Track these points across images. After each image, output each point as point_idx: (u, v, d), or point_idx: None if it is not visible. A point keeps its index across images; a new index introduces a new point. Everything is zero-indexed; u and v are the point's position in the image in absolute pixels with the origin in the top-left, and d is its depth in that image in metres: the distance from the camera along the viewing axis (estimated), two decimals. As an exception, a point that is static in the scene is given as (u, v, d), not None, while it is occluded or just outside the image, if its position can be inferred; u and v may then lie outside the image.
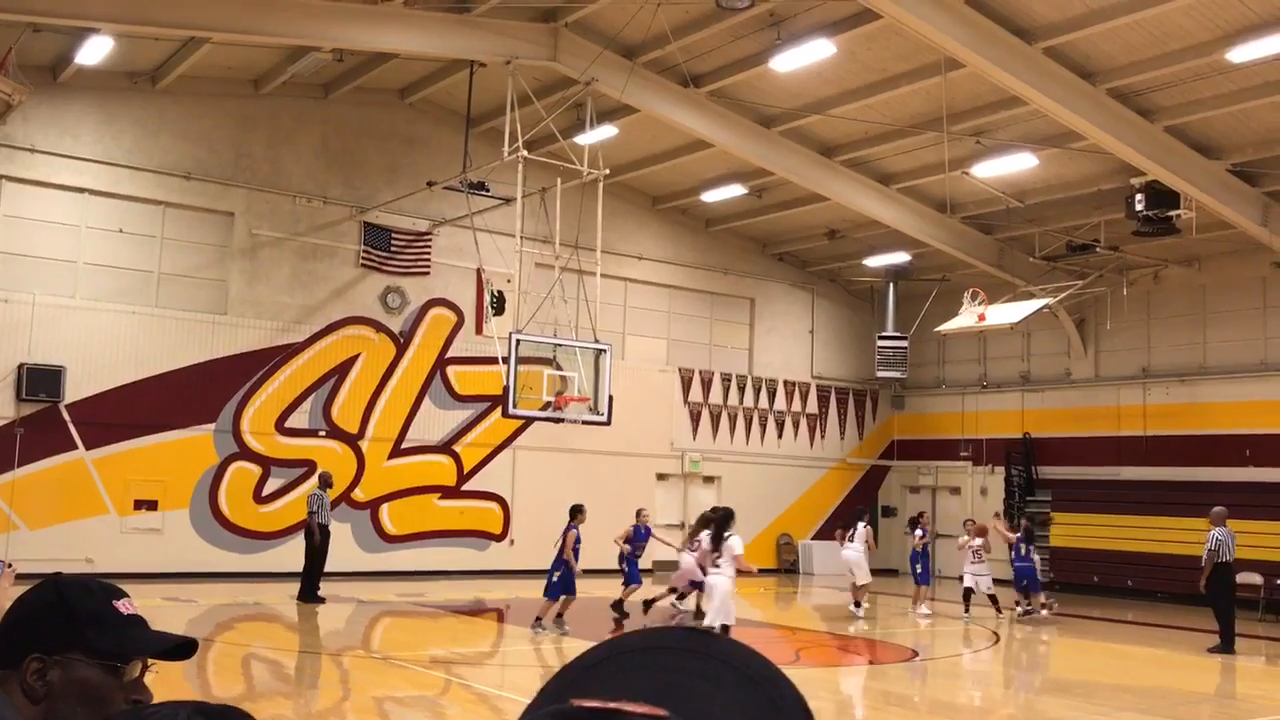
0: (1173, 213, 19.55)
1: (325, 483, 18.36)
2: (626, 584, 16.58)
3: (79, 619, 1.84)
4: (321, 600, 17.41)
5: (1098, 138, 17.95)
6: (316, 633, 15.63)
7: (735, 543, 12.83)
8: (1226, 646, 15.23)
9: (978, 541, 19.10)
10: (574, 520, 15.21)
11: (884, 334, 27.34)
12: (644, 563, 17.95)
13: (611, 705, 0.72)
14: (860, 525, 19.51)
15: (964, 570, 19.33)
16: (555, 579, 14.87)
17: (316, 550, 17.74)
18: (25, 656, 1.80)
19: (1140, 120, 18.03)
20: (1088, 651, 16.14)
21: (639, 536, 17.28)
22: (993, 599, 18.86)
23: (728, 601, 12.32)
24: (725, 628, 11.93)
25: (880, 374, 27.54)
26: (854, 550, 18.88)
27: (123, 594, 1.94)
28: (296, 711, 10.12)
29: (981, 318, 22.49)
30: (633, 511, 17.98)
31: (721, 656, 0.78)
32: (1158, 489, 23.24)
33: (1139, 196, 19.61)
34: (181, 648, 1.92)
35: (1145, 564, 22.39)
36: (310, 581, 17.58)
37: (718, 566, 12.23)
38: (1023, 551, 19.19)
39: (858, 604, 18.55)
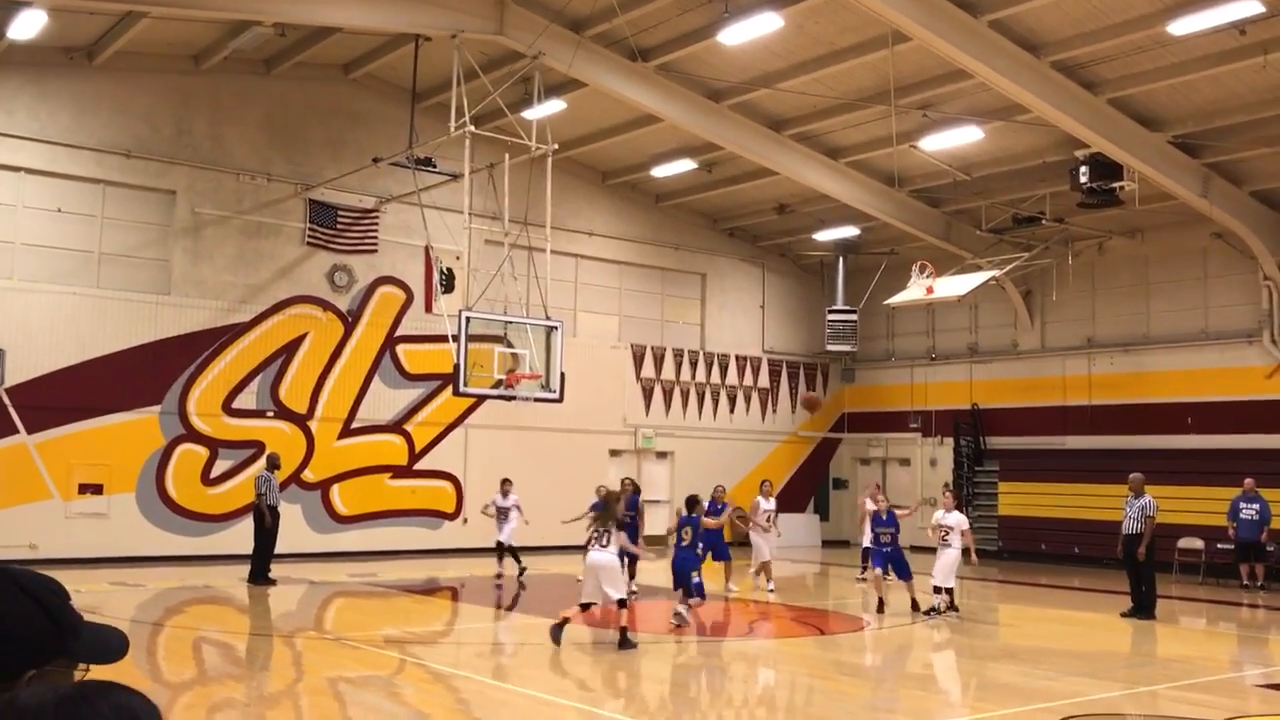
0: (1116, 185, 19.81)
1: (273, 464, 18.17)
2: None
3: (64, 630, 1.82)
4: (272, 582, 17.26)
5: (1042, 110, 18.11)
6: (268, 615, 15.49)
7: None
8: (1149, 612, 15.49)
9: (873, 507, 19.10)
10: (693, 511, 14.41)
11: (834, 308, 27.51)
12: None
13: None
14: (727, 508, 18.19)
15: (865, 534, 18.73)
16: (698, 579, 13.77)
17: (267, 532, 17.57)
18: (12, 669, 1.77)
19: (1084, 93, 18.21)
20: (1036, 618, 16.40)
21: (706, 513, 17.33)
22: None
23: (617, 577, 12.20)
24: (621, 601, 12.06)
25: (830, 347, 27.73)
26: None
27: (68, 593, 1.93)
28: (248, 694, 10.03)
29: (930, 290, 22.70)
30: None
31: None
32: (1103, 457, 23.64)
33: (1083, 169, 19.84)
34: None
35: (1091, 531, 22.78)
36: (260, 564, 17.42)
37: (605, 545, 12.09)
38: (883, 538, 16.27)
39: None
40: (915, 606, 15.55)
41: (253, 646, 12.96)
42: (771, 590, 17.48)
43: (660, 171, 24.76)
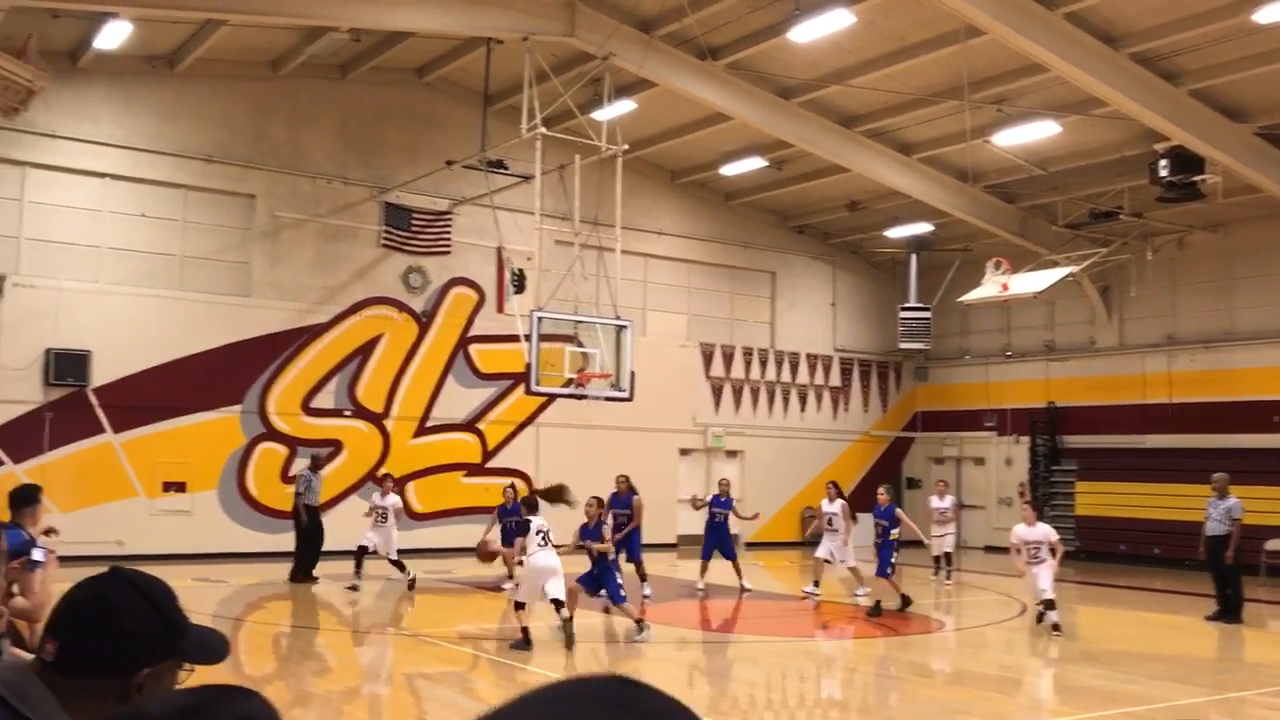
0: (1198, 178, 19.36)
1: (316, 465, 18.40)
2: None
3: (176, 630, 1.91)
4: (315, 580, 17.38)
5: (1121, 103, 17.76)
6: (346, 611, 15.75)
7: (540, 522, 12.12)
8: (1236, 615, 15.10)
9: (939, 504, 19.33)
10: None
11: (906, 305, 27.22)
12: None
13: None
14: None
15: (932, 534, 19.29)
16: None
17: (305, 531, 17.75)
18: (128, 666, 1.86)
19: (1164, 84, 17.81)
20: (1116, 620, 16.10)
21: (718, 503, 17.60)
22: (945, 558, 19.35)
23: (547, 579, 11.76)
24: (557, 602, 11.72)
25: (903, 345, 27.44)
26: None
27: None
28: (327, 689, 10.22)
29: (1005, 287, 22.37)
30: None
31: (638, 711, 0.76)
32: (1184, 456, 23.10)
33: (1163, 162, 19.41)
34: None
35: (1172, 532, 22.27)
36: (301, 562, 17.54)
37: (542, 546, 11.78)
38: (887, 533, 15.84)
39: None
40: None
41: (331, 642, 13.20)
42: (861, 594, 16.70)
43: (730, 170, 24.71)
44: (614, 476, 17.24)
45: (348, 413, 21.97)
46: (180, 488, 20.22)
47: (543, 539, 11.89)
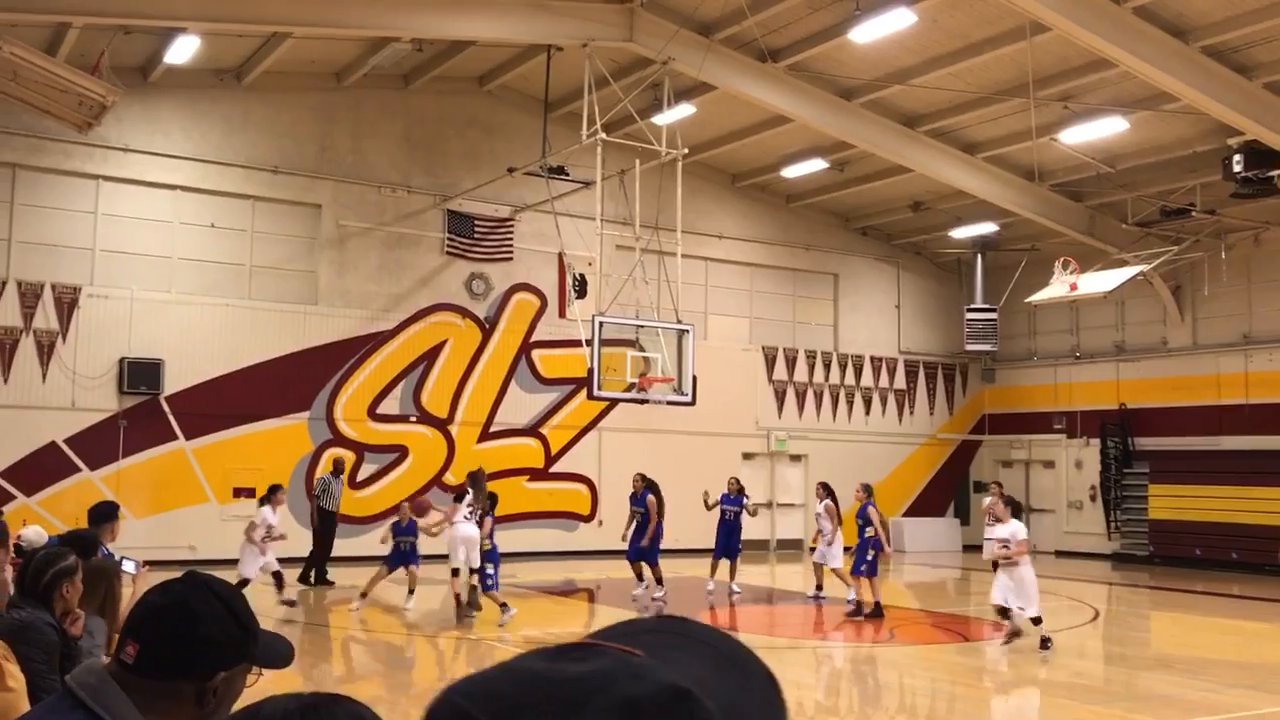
0: (1274, 173, 18.86)
1: (337, 470, 18.56)
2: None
3: (251, 634, 1.95)
4: (331, 584, 17.53)
5: (1192, 98, 17.37)
6: (412, 615, 15.88)
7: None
8: None
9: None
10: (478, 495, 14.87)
11: (972, 306, 26.87)
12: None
13: (590, 640, 0.80)
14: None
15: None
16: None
17: (317, 535, 17.89)
18: (207, 670, 1.90)
19: (1237, 78, 17.39)
20: (1192, 626, 15.73)
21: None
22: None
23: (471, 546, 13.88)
24: (477, 570, 13.90)
25: (969, 347, 27.09)
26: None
27: None
28: (393, 694, 10.31)
29: (1073, 287, 21.99)
30: (718, 490, 17.84)
31: (696, 636, 0.85)
32: (1262, 458, 22.54)
33: (1237, 157, 18.95)
34: None
35: (1250, 535, 21.74)
36: (311, 566, 17.64)
37: (470, 519, 13.99)
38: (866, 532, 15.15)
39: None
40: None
41: (398, 645, 13.32)
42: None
43: (791, 172, 24.57)
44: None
45: (413, 418, 22.19)
46: (250, 493, 20.46)
47: (470, 512, 14.07)
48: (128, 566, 5.73)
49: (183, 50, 18.31)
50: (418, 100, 22.48)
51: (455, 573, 14.09)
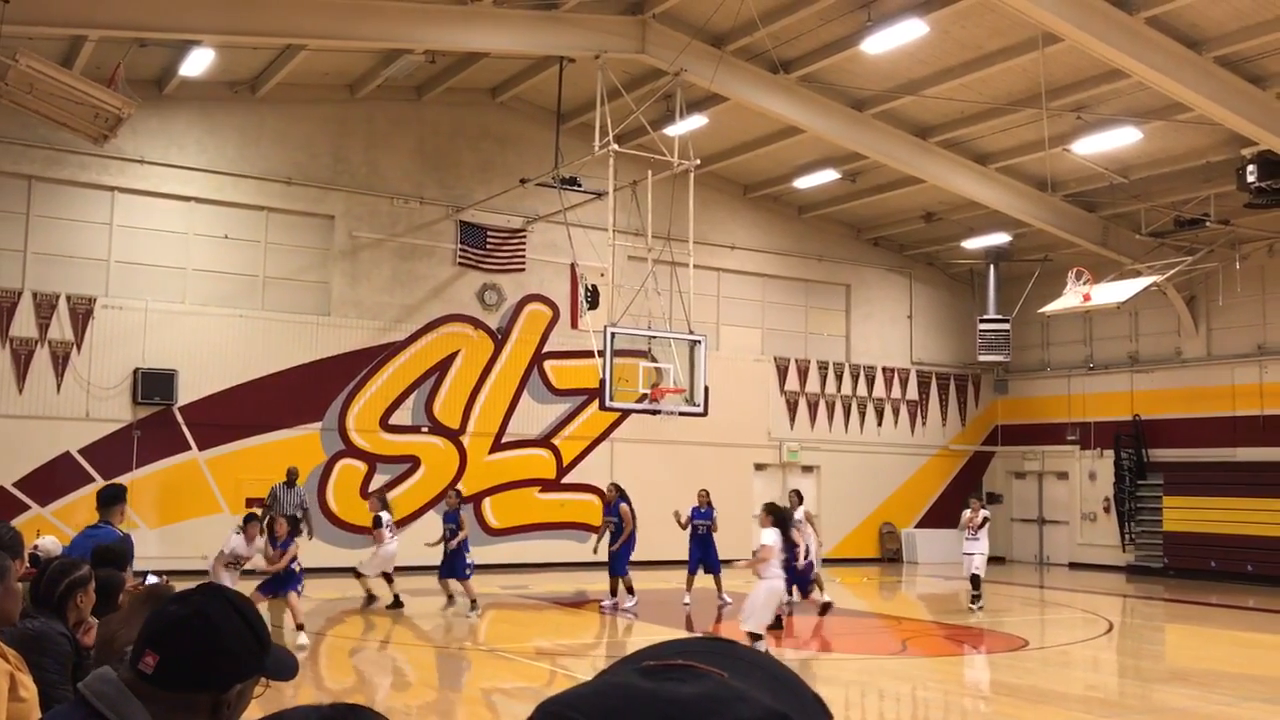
0: (1288, 183, 18.79)
1: (291, 479, 18.27)
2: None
3: (265, 647, 1.96)
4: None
5: (1206, 108, 17.33)
6: (424, 626, 15.89)
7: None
8: None
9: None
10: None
11: (985, 317, 26.80)
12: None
13: (682, 662, 0.81)
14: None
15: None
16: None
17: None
18: (226, 682, 1.91)
19: (1251, 88, 17.35)
20: (1208, 639, 15.63)
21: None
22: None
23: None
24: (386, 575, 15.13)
25: (982, 358, 27.01)
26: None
27: None
28: (406, 704, 10.31)
29: (1087, 298, 21.92)
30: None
31: (749, 659, 0.87)
32: (1277, 470, 22.42)
33: (1251, 168, 18.89)
34: None
35: (1266, 548, 21.60)
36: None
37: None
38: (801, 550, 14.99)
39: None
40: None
41: (410, 657, 13.31)
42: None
43: (803, 183, 24.57)
44: (695, 491, 17.27)
45: (425, 429, 22.22)
46: (262, 503, 20.54)
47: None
48: (151, 580, 5.78)
49: (197, 63, 18.43)
50: (430, 112, 22.56)
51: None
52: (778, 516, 12.18)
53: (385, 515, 16.59)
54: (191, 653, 1.90)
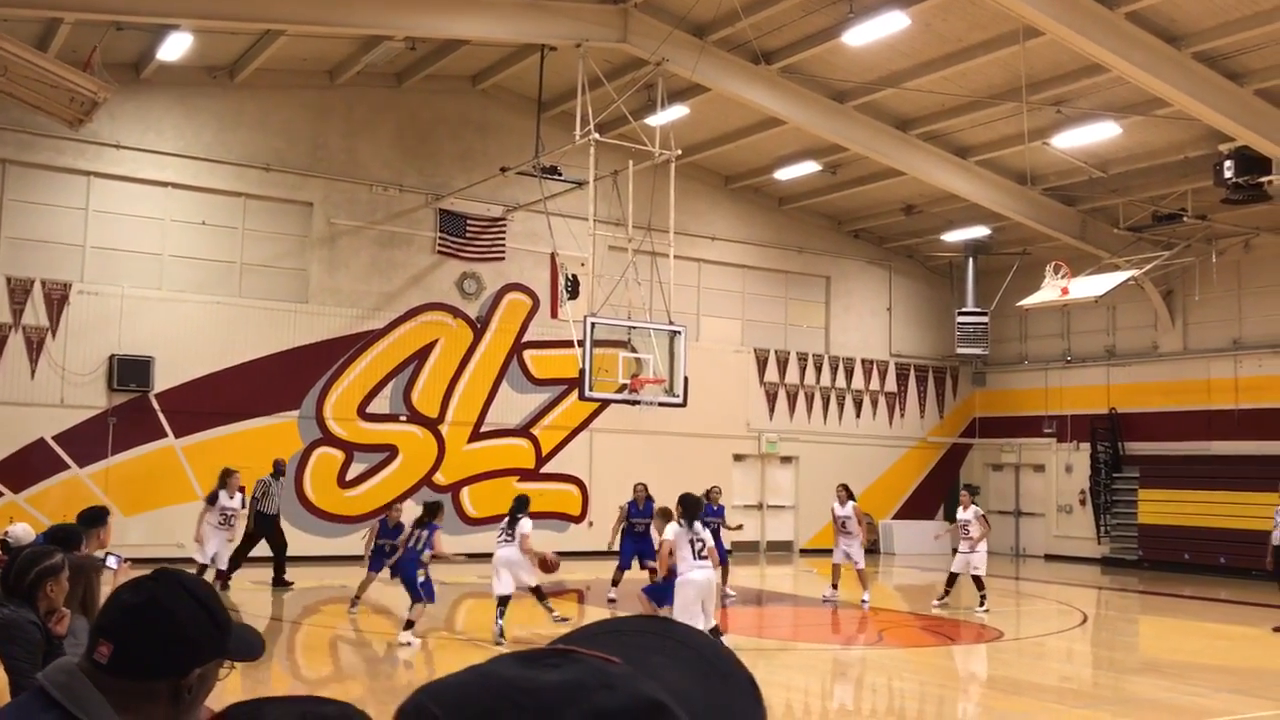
0: (1264, 179, 18.93)
1: (278, 471, 18.11)
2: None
3: (223, 630, 1.93)
4: (289, 585, 17.13)
5: (1184, 104, 17.42)
6: (399, 615, 15.84)
7: (526, 524, 13.61)
8: None
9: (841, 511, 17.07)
10: (434, 519, 14.17)
11: (964, 310, 26.91)
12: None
13: (564, 646, 0.79)
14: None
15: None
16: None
17: (256, 538, 17.42)
18: (183, 668, 1.88)
19: (1229, 84, 17.45)
20: (1181, 631, 15.77)
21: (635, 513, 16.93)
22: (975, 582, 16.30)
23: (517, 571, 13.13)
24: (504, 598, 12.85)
25: (960, 350, 27.12)
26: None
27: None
28: (379, 691, 10.28)
29: (1065, 291, 22.05)
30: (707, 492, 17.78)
31: (679, 638, 0.86)
32: (1251, 463, 22.60)
33: (1228, 163, 19.02)
34: None
35: (1238, 541, 21.78)
36: (234, 566, 16.86)
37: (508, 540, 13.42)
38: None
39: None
40: None
41: (384, 645, 13.28)
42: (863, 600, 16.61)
43: (784, 174, 24.58)
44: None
45: (403, 418, 22.15)
46: (240, 491, 20.42)
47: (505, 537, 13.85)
48: (110, 562, 5.71)
49: (175, 47, 18.26)
50: (410, 99, 22.44)
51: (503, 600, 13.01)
52: (685, 508, 11.38)
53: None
54: (146, 640, 1.87)
